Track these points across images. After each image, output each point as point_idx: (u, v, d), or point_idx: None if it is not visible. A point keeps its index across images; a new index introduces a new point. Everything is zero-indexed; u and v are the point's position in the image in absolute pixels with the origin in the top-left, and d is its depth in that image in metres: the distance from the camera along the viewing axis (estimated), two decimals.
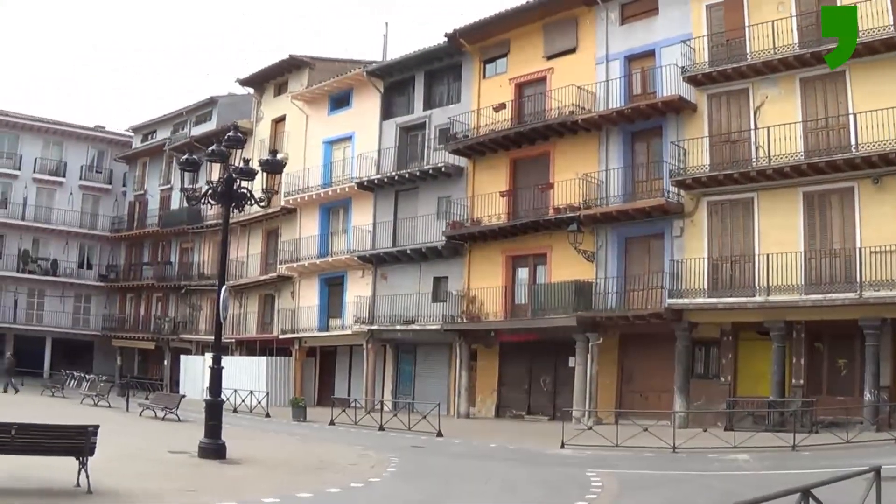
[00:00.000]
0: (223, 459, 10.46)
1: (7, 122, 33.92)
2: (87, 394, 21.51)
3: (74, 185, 34.73)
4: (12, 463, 7.70)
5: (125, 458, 9.83)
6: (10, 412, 14.05)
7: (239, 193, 11.05)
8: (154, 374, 31.23)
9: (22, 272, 33.28)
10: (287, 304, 25.31)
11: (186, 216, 28.71)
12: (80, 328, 34.54)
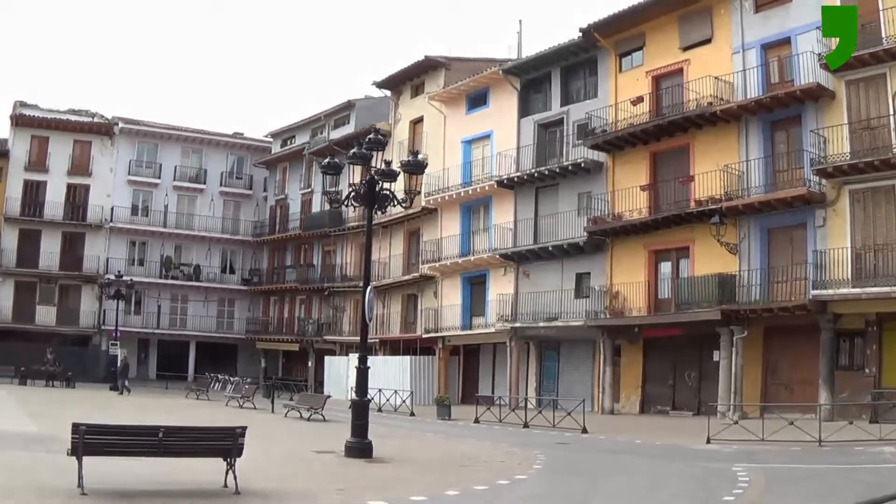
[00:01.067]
0: (370, 458, 12.89)
1: (147, 133, 44.14)
2: (232, 396, 27.38)
3: (215, 191, 44.62)
4: (160, 465, 9.91)
5: (272, 458, 12.40)
6: (157, 415, 19.60)
7: (381, 195, 13.93)
8: (298, 375, 39.61)
9: (165, 278, 43.18)
10: (430, 304, 32.05)
11: (328, 219, 36.98)
12: (223, 331, 44.15)
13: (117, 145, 43.16)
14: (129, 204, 42.97)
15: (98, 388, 33.09)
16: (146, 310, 42.63)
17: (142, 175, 43.49)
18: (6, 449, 12.09)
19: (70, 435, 8.71)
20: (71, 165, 42.36)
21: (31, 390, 30.69)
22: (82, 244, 42.09)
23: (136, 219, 43.09)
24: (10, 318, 40.27)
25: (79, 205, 42.31)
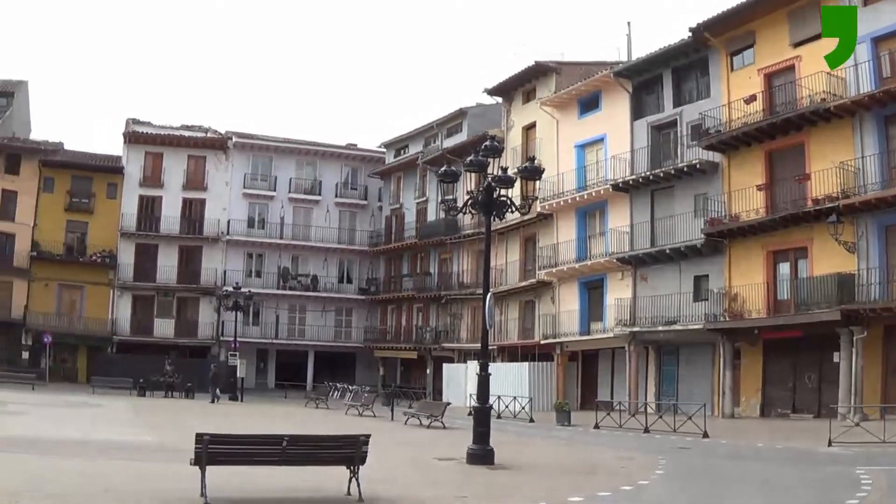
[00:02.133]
0: (491, 465, 14.67)
1: (261, 146, 51.21)
2: (352, 404, 31.56)
3: (330, 202, 51.36)
4: (282, 474, 11.62)
5: (394, 466, 14.17)
6: (277, 424, 22.04)
7: (499, 202, 15.96)
8: (416, 383, 45.16)
9: (283, 289, 49.97)
10: (547, 310, 36.41)
11: (443, 227, 42.23)
12: (341, 341, 50.64)
13: (232, 159, 50.34)
14: (245, 217, 50.10)
15: None
16: (264, 320, 49.34)
17: (257, 188, 50.53)
18: (130, 459, 14.56)
19: (193, 445, 10.30)
20: (186, 180, 49.73)
21: (150, 401, 35.82)
22: (199, 257, 49.29)
23: (252, 231, 50.15)
24: (129, 332, 47.81)
25: (195, 219, 49.54)
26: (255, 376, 48.12)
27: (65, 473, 12.16)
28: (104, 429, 21.50)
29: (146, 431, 21.77)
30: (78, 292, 48.19)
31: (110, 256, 48.34)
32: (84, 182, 49.08)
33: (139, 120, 51.03)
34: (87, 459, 14.05)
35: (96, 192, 49.02)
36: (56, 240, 47.58)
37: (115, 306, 48.13)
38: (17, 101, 54.34)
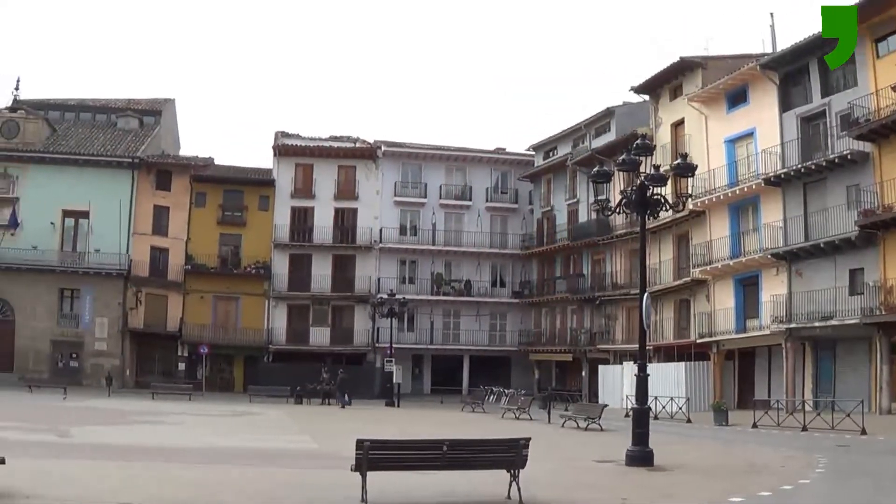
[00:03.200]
0: (651, 467, 16.29)
1: (410, 154, 58.31)
2: (508, 408, 35.96)
3: (481, 206, 58.12)
4: (441, 479, 13.29)
5: (553, 469, 15.90)
6: (435, 430, 25.98)
7: (653, 200, 17.75)
8: (572, 385, 50.59)
9: (436, 294, 56.73)
10: (702, 308, 40.78)
11: (595, 228, 47.51)
12: (496, 345, 57.14)
13: (381, 168, 57.76)
14: (397, 224, 57.28)
15: (374, 405, 44.38)
16: (419, 326, 56.34)
17: (408, 195, 57.75)
18: (290, 466, 17.07)
19: (353, 451, 11.85)
20: (337, 190, 57.39)
21: (307, 409, 41.29)
22: (353, 265, 56.76)
23: (404, 238, 57.33)
24: (284, 341, 55.53)
25: (347, 228, 56.97)
26: (411, 382, 55.05)
27: (226, 483, 14.60)
28: (263, 437, 25.52)
29: (305, 439, 25.46)
30: (233, 303, 56.55)
31: (264, 267, 56.25)
32: (236, 195, 57.48)
33: (288, 133, 58.97)
34: (248, 467, 16.83)
35: (248, 204, 57.27)
36: (210, 253, 55.95)
37: (270, 316, 56.14)
38: (166, 119, 63.69)
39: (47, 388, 45.74)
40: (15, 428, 23.09)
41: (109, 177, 55.52)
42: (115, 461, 16.98)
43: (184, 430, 27.47)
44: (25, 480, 13.00)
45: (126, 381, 53.77)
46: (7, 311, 54.61)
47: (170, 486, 13.70)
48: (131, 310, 54.86)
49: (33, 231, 54.31)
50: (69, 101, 64.64)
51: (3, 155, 55.75)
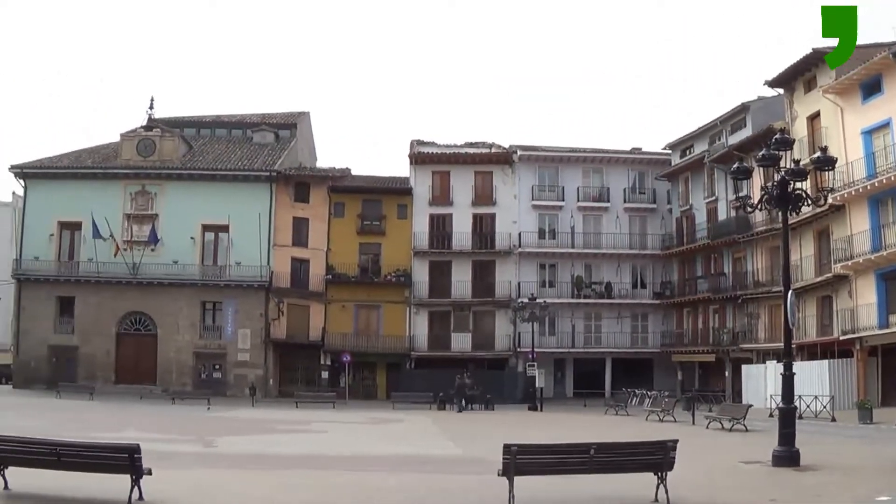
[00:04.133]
0: (797, 467, 17.76)
1: (546, 157, 64.17)
2: (651, 410, 40.15)
3: (619, 208, 63.66)
4: (586, 482, 15.09)
5: (699, 471, 17.57)
6: (578, 433, 28.73)
7: (795, 195, 19.06)
8: (715, 385, 55.13)
9: (576, 297, 62.26)
10: (845, 304, 44.61)
11: (735, 226, 52.18)
12: (637, 347, 62.46)
13: (518, 172, 63.96)
14: (536, 228, 63.28)
15: (516, 410, 49.27)
16: (560, 330, 62.13)
17: (545, 199, 63.82)
18: (435, 472, 19.16)
19: (497, 456, 13.36)
20: (474, 196, 63.77)
21: (450, 415, 45.44)
22: (492, 271, 62.92)
23: (543, 242, 63.25)
24: (426, 347, 62.12)
25: (486, 233, 63.14)
26: (553, 385, 60.75)
27: (375, 488, 16.79)
28: (408, 443, 28.46)
29: (449, 444, 28.37)
30: (374, 312, 63.72)
31: (405, 275, 63.02)
32: (374, 205, 64.73)
33: (423, 141, 65.84)
34: (394, 474, 19.05)
35: (386, 213, 64.41)
36: (350, 262, 63.16)
37: (411, 323, 63.01)
38: (301, 132, 71.79)
39: (190, 400, 51.92)
40: (161, 440, 26.19)
41: (248, 191, 63.64)
42: (263, 470, 20.12)
43: (329, 438, 31.34)
44: (173, 490, 15.76)
45: (269, 390, 61.23)
46: (150, 325, 63.36)
47: (320, 493, 16.49)
48: (273, 320, 62.50)
49: (173, 246, 63.07)
50: (204, 118, 73.91)
51: (142, 173, 64.74)
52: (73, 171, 66.63)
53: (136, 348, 64.19)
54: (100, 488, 15.50)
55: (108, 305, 63.90)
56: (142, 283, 63.15)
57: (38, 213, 66.27)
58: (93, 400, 51.02)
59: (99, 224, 61.98)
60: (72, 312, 65.33)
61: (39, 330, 64.89)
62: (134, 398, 53.73)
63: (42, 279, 65.20)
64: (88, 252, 63.92)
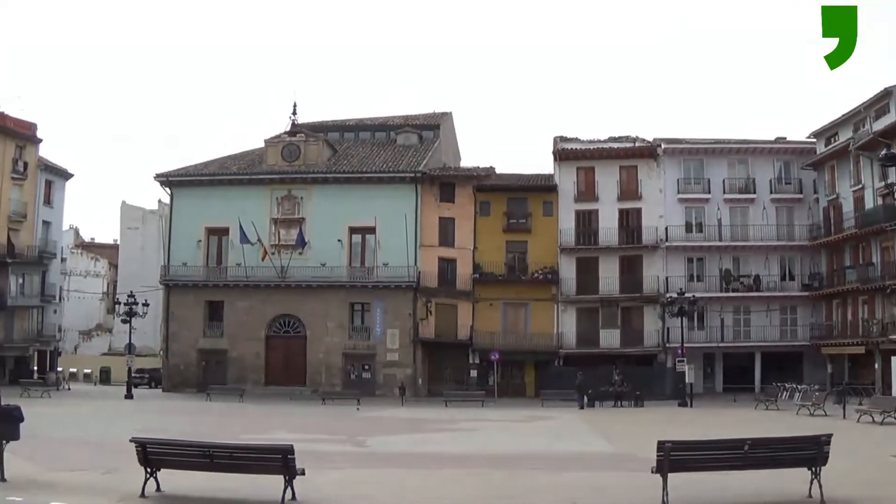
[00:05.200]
0: None
1: (690, 150, 70.85)
2: (802, 404, 43.95)
3: (765, 199, 70.27)
4: (745, 477, 16.93)
5: (852, 465, 19.39)
6: (729, 429, 33.61)
7: None
8: (865, 378, 61.23)
9: (725, 291, 68.96)
10: None
11: (882, 214, 58.20)
12: (786, 340, 68.97)
13: (663, 166, 71.28)
14: (682, 222, 70.37)
15: (666, 406, 54.50)
16: (708, 324, 69.05)
17: (690, 192, 70.78)
18: (588, 470, 21.60)
19: (648, 453, 15.37)
20: (620, 191, 71.30)
21: (599, 412, 50.47)
22: (639, 266, 70.33)
23: (690, 236, 70.29)
24: (575, 344, 69.76)
25: (632, 228, 70.57)
26: (703, 381, 67.51)
27: (529, 487, 18.49)
28: (558, 441, 31.44)
29: (600, 442, 31.19)
30: (522, 310, 71.94)
31: (552, 272, 70.89)
32: (519, 203, 73.02)
33: (566, 137, 73.80)
34: (547, 471, 21.07)
35: (532, 211, 72.45)
36: (497, 261, 71.44)
37: (559, 320, 70.99)
38: (444, 132, 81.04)
39: (340, 400, 58.64)
40: (312, 440, 29.41)
41: (393, 192, 72.87)
42: (415, 469, 22.62)
43: (480, 436, 34.60)
44: (325, 490, 18.05)
45: (419, 390, 69.57)
46: (299, 327, 73.01)
47: (472, 493, 18.83)
48: (422, 320, 71.40)
49: (321, 249, 72.60)
50: (347, 122, 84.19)
51: (287, 178, 74.72)
52: (219, 178, 77.23)
53: (285, 350, 74.25)
54: (252, 489, 18.06)
55: (257, 309, 74.04)
56: (290, 286, 72.92)
57: (185, 220, 77.05)
58: (243, 402, 58.35)
59: (246, 229, 71.69)
60: (221, 316, 75.93)
61: (189, 334, 75.59)
62: (284, 399, 61.43)
63: (190, 284, 76.03)
64: (236, 257, 74.28)
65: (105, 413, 47.50)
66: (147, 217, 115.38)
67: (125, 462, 19.75)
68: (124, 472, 19.75)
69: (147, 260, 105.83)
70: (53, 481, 19.41)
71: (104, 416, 44.50)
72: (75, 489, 18.60)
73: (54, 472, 20.95)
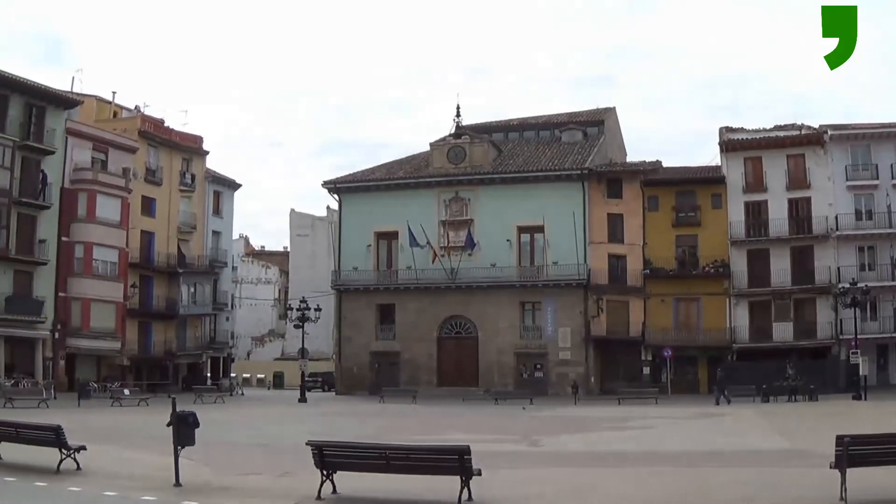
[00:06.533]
0: None
1: (857, 135, 75.07)
2: None
3: None
4: None
5: None
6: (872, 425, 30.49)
7: None
8: None
9: None
10: None
11: None
12: None
13: (830, 153, 75.73)
14: (852, 209, 74.56)
15: (839, 399, 57.04)
16: (882, 314, 73.21)
17: (859, 179, 74.93)
18: (766, 466, 22.81)
19: (828, 448, 16.72)
20: (788, 180, 76.04)
21: (774, 407, 53.25)
22: (810, 256, 75.01)
23: (860, 223, 74.56)
24: (748, 338, 74.68)
25: (802, 218, 75.35)
26: (876, 373, 71.03)
27: (704, 484, 20.47)
28: (734, 438, 33.15)
29: (776, 437, 32.68)
30: (693, 304, 77.52)
31: (723, 266, 76.06)
32: (687, 196, 78.52)
33: (732, 128, 78.96)
34: (725, 468, 23.01)
35: (700, 204, 77.78)
36: (666, 256, 77.18)
37: (731, 314, 76.08)
38: (608, 128, 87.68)
39: (512, 400, 62.91)
40: (486, 440, 31.05)
41: (560, 190, 79.76)
42: (591, 468, 24.25)
43: (655, 434, 36.66)
44: (501, 490, 19.24)
45: (591, 388, 75.55)
46: (470, 328, 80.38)
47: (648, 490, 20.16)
48: (593, 318, 77.86)
49: (490, 249, 79.88)
50: (511, 122, 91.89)
51: (454, 180, 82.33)
52: (385, 183, 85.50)
53: (457, 351, 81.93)
54: (426, 490, 19.19)
55: (428, 311, 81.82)
56: (460, 287, 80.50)
57: (354, 226, 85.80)
58: (416, 403, 63.41)
59: (415, 232, 79.19)
60: (392, 319, 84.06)
61: (361, 337, 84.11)
62: (456, 400, 66.57)
63: (361, 288, 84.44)
64: (406, 260, 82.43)
65: (279, 417, 52.60)
66: (316, 224, 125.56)
67: (300, 465, 21.86)
68: (299, 475, 21.52)
69: (317, 265, 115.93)
70: (228, 485, 21.18)
71: (278, 420, 49.20)
72: (250, 493, 20.38)
73: (229, 475, 22.84)
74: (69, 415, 41.81)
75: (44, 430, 23.48)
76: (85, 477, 21.34)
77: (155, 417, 33.46)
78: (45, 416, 37.89)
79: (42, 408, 48.67)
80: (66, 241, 73.52)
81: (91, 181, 75.41)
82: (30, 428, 24.45)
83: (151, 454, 25.96)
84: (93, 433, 30.17)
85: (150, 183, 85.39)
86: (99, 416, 45.74)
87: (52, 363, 71.23)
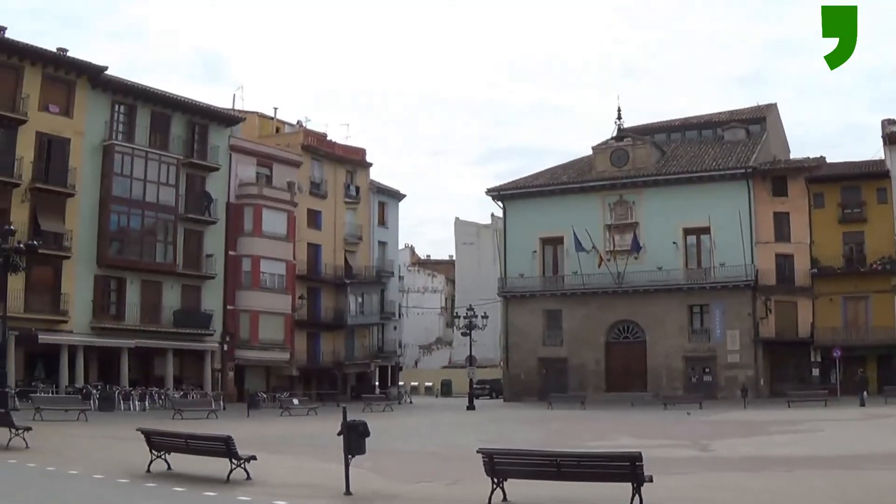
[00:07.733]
0: None
1: None
2: None
3: None
4: None
5: None
6: None
7: None
8: None
9: None
10: None
11: None
12: None
13: None
14: None
15: None
16: None
17: None
18: None
19: None
20: None
21: None
22: None
23: None
24: None
25: None
26: None
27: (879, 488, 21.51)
28: None
29: None
30: (862, 303, 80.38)
31: (890, 262, 79.08)
32: (852, 192, 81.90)
33: (894, 120, 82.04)
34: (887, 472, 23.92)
35: (866, 199, 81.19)
36: (833, 254, 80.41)
37: None
38: (771, 125, 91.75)
39: (681, 404, 65.41)
40: (655, 445, 32.08)
41: (724, 190, 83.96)
42: (763, 472, 25.19)
43: (825, 436, 37.92)
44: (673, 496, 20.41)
45: (760, 390, 79.16)
46: (638, 332, 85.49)
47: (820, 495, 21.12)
48: (761, 319, 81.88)
49: (656, 252, 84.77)
50: (672, 122, 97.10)
51: (618, 183, 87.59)
52: (549, 189, 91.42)
53: (625, 356, 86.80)
54: (597, 497, 19.63)
55: (596, 316, 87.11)
56: (627, 291, 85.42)
57: (519, 232, 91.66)
58: (584, 409, 66.57)
59: (581, 237, 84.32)
60: (559, 325, 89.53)
61: (528, 344, 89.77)
62: (625, 405, 69.62)
63: (528, 295, 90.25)
64: (572, 265, 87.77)
65: (447, 425, 55.41)
66: (481, 231, 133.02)
67: (469, 473, 22.37)
68: (469, 482, 22.03)
69: (483, 273, 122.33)
70: (398, 493, 21.91)
71: (447, 428, 51.60)
72: (420, 500, 21.19)
73: (399, 483, 23.58)
74: (238, 425, 44.72)
75: (214, 441, 24.66)
76: (255, 486, 22.23)
77: (324, 427, 36.62)
78: (215, 426, 40.86)
79: (211, 419, 51.91)
80: (233, 254, 79.92)
81: (256, 196, 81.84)
82: (200, 439, 25.57)
83: (321, 463, 27.34)
84: (262, 443, 32.30)
85: (315, 196, 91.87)
86: (268, 426, 48.67)
87: (221, 374, 77.29)
